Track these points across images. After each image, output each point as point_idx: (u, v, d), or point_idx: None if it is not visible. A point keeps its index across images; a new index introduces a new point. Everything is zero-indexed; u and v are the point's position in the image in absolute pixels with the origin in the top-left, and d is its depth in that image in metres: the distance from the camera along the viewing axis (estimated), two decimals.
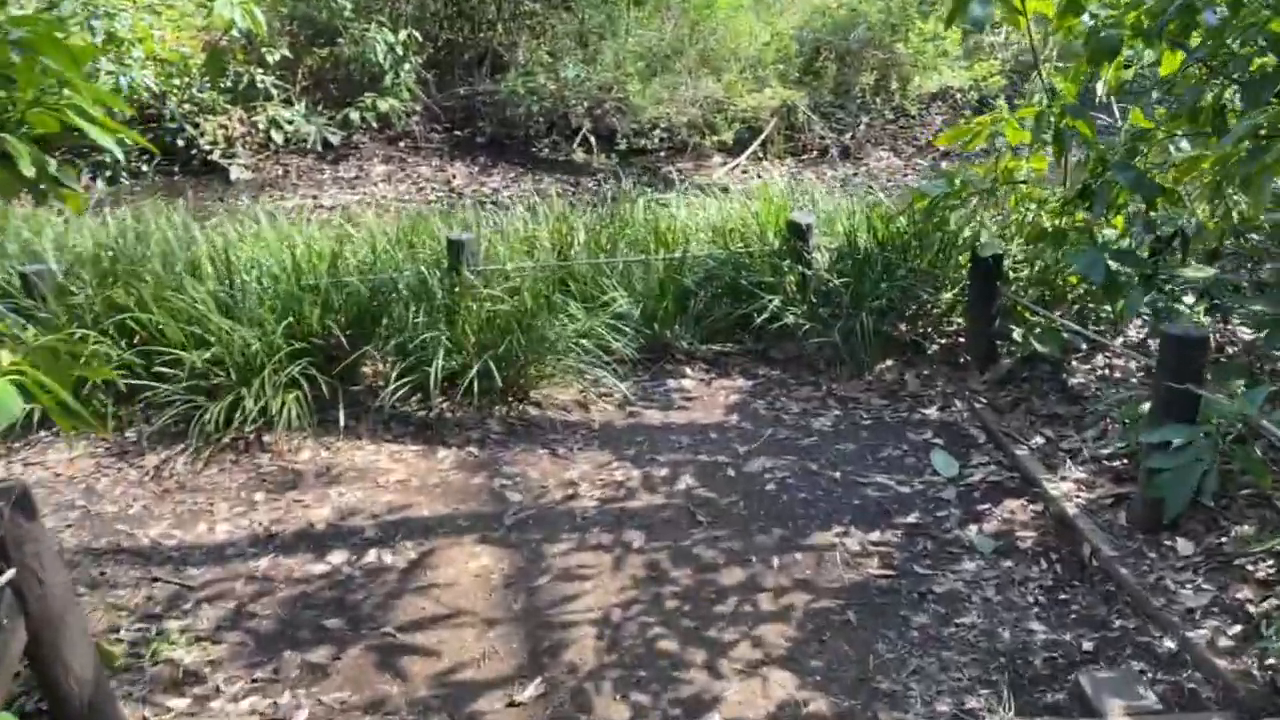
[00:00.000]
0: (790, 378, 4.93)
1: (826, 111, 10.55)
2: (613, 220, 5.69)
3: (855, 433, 4.43)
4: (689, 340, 5.06)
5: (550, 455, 4.31)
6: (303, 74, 10.53)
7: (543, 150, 10.38)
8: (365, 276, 4.73)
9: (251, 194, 9.29)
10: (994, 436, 4.27)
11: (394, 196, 9.25)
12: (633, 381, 4.91)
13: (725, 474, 4.14)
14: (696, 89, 10.33)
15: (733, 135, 10.17)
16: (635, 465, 4.21)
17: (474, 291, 4.68)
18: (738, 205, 5.86)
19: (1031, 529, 3.69)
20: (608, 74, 10.45)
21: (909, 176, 9.78)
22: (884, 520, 3.81)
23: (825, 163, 10.10)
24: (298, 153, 10.16)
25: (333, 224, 5.85)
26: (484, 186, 9.50)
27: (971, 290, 4.62)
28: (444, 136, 10.67)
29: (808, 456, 4.25)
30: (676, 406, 4.71)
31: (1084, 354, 4.76)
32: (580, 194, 9.24)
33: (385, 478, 4.15)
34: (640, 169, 9.97)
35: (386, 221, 6.02)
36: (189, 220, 5.80)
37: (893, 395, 4.72)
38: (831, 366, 4.95)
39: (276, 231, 5.58)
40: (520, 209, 5.95)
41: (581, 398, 4.73)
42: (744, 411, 4.64)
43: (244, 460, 4.27)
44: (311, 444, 4.38)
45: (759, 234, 5.40)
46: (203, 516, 3.90)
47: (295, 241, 5.42)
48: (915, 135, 10.60)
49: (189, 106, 9.89)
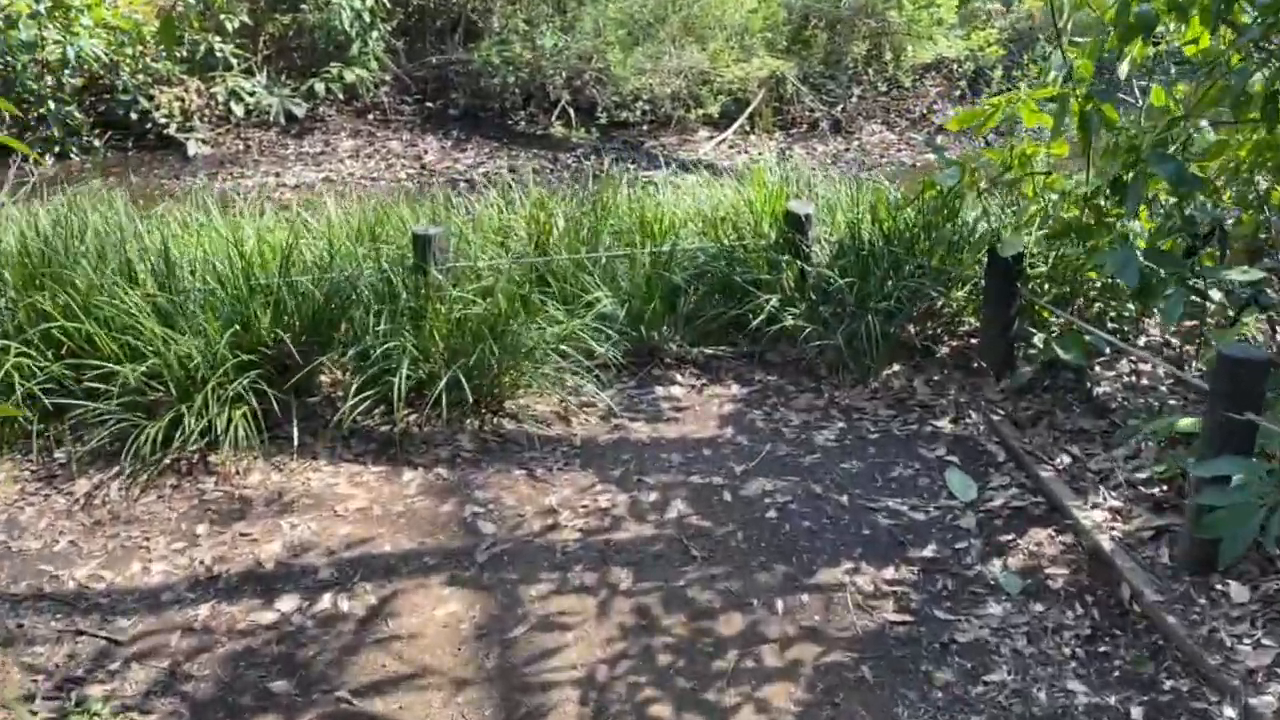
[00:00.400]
0: (789, 384, 4.54)
1: (816, 83, 10.10)
2: (594, 208, 5.25)
3: (862, 448, 4.05)
4: (679, 343, 4.66)
5: (527, 477, 3.90)
6: (264, 42, 9.96)
7: (519, 123, 9.89)
8: (322, 276, 4.28)
9: (210, 171, 8.78)
10: (1014, 454, 3.89)
11: (362, 174, 8.76)
12: (617, 389, 4.50)
13: (721, 498, 3.75)
14: (680, 59, 9.85)
15: (719, 108, 9.71)
16: (621, 488, 3.82)
17: (442, 293, 4.24)
18: (729, 191, 5.42)
19: (1062, 565, 3.33)
20: (587, 42, 9.95)
21: (903, 151, 9.38)
22: (898, 554, 3.43)
23: (815, 137, 9.67)
24: (260, 126, 9.62)
25: (290, 212, 5.38)
26: (457, 163, 9.01)
27: (988, 291, 4.23)
28: (415, 109, 10.15)
29: (811, 477, 3.87)
30: (666, 418, 4.31)
31: (1108, 359, 4.39)
32: (559, 171, 8.78)
33: (343, 505, 3.73)
34: (622, 143, 9.51)
35: (349, 208, 5.56)
36: (130, 210, 5.32)
37: (901, 404, 4.33)
38: (834, 372, 4.55)
39: (227, 223, 5.11)
40: (493, 194, 5.49)
41: (562, 409, 4.32)
42: (740, 423, 4.25)
43: (186, 485, 3.84)
44: (262, 465, 3.95)
45: (753, 225, 4.98)
46: (137, 554, 3.48)
47: (246, 235, 4.96)
48: (909, 108, 10.17)
49: (143, 77, 9.33)
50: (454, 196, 6.04)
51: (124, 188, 8.33)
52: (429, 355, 4.20)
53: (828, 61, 10.21)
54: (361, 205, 5.26)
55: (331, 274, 4.33)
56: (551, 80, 9.85)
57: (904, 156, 9.23)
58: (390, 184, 8.57)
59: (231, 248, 4.39)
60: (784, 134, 9.75)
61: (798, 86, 9.86)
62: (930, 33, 9.90)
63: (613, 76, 9.71)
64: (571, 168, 8.91)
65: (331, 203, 5.28)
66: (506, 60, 9.85)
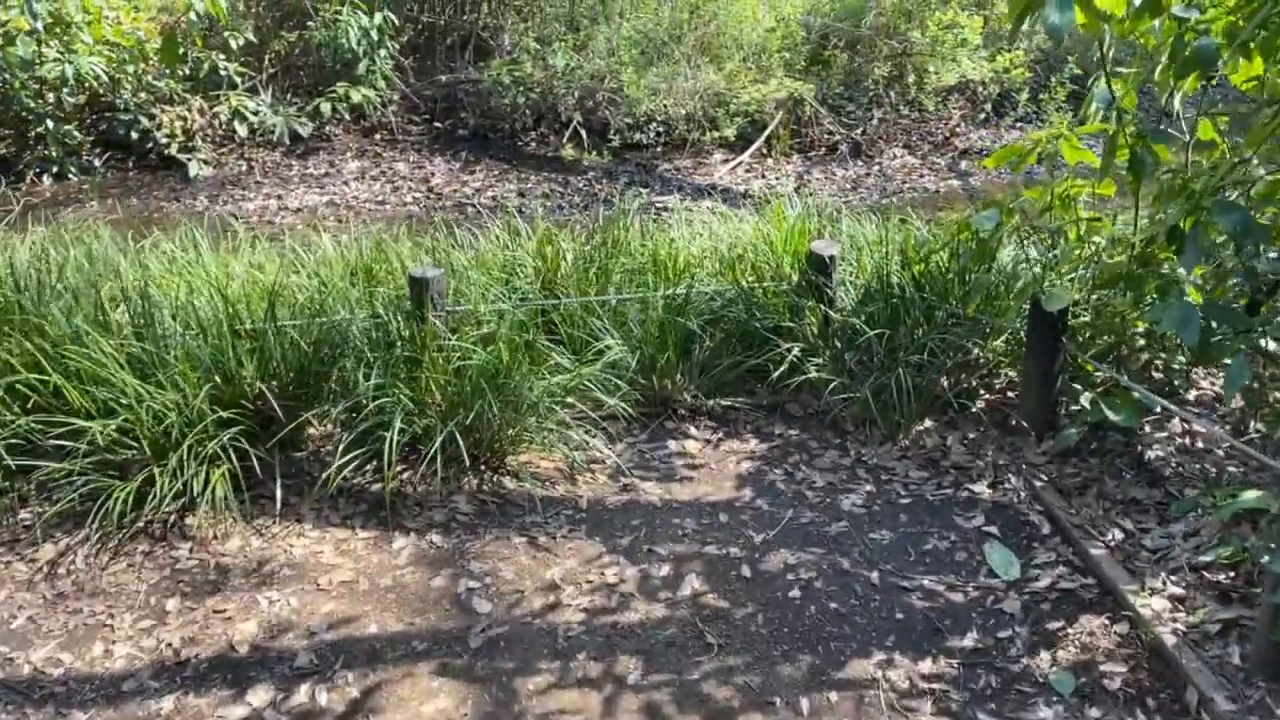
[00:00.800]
0: (811, 439, 4.22)
1: (836, 105, 9.79)
2: (604, 243, 4.95)
3: (892, 515, 3.73)
4: (693, 393, 4.34)
5: (528, 545, 3.59)
6: (269, 60, 9.72)
7: (529, 145, 9.61)
8: (312, 321, 3.99)
9: (211, 193, 8.53)
10: (1060, 527, 3.56)
11: (367, 197, 8.49)
12: (627, 444, 4.19)
13: (739, 573, 3.43)
14: (696, 79, 9.57)
15: (735, 130, 9.41)
16: (630, 560, 3.50)
17: (440, 341, 3.94)
18: (748, 227, 5.12)
19: (1119, 661, 2.99)
20: (600, 62, 9.68)
21: (926, 177, 9.06)
22: (935, 642, 3.11)
23: (835, 160, 9.36)
24: (264, 146, 9.37)
25: (285, 244, 5.10)
26: (465, 186, 8.73)
27: (1030, 344, 3.90)
28: (423, 129, 9.89)
29: (837, 549, 3.54)
30: (679, 477, 3.99)
31: (1157, 417, 4.05)
32: (570, 195, 8.50)
33: (328, 577, 3.43)
34: (635, 166, 9.22)
35: (347, 241, 5.28)
36: (116, 241, 5.06)
37: (933, 465, 4.01)
38: (860, 427, 4.23)
39: (215, 260, 4.84)
40: (499, 228, 5.20)
41: (567, 467, 4.01)
42: (758, 484, 3.93)
43: (159, 552, 3.54)
44: (242, 529, 3.65)
45: (773, 265, 4.67)
46: (100, 633, 3.18)
47: (235, 273, 4.69)
48: (931, 131, 9.86)
49: (145, 96, 9.08)
50: (459, 227, 5.76)
51: (122, 210, 8.10)
52: (425, 408, 3.89)
53: (847, 83, 9.91)
54: (358, 240, 4.97)
55: (322, 319, 4.03)
56: (563, 101, 9.58)
57: (927, 182, 8.91)
58: (396, 208, 8.30)
59: (214, 291, 4.11)
60: (802, 157, 9.44)
61: (816, 108, 9.56)
62: (954, 54, 9.59)
63: (626, 97, 9.43)
64: (583, 191, 8.63)
65: (327, 238, 5.00)
66: (517, 80, 9.58)
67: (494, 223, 5.52)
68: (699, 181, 8.91)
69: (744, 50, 9.93)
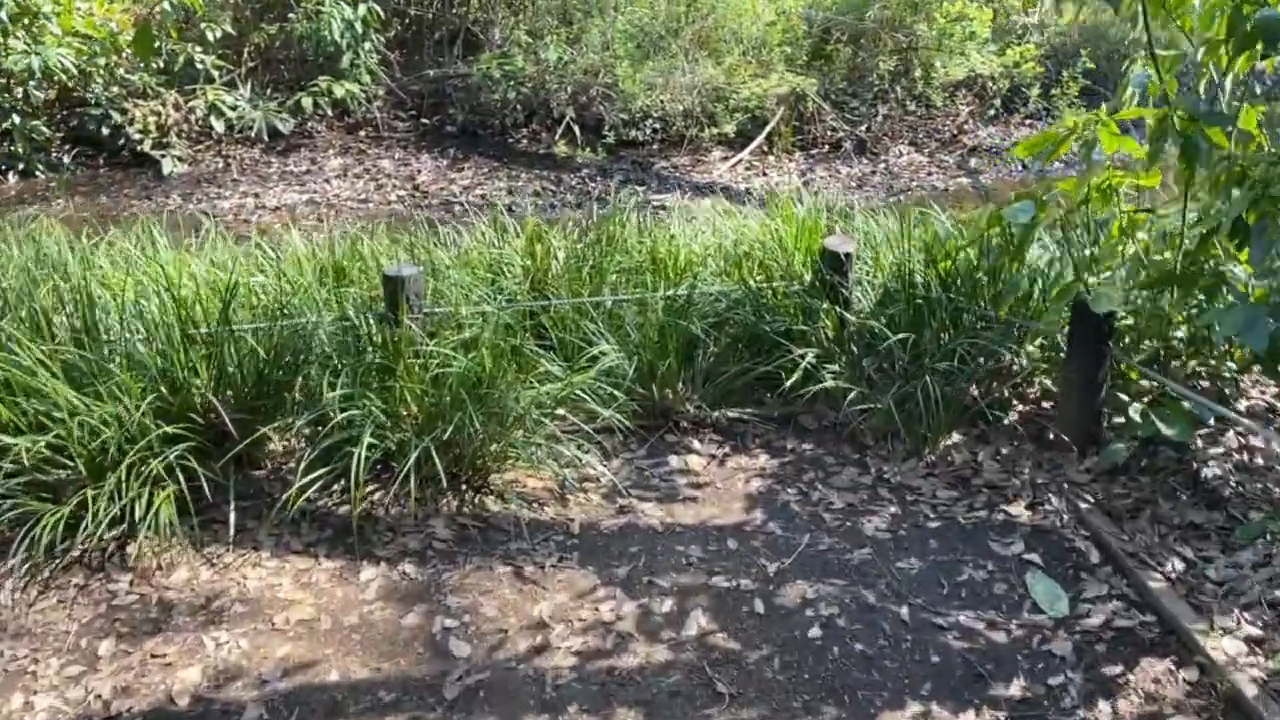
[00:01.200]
0: (827, 454, 3.82)
1: (839, 100, 9.42)
2: (599, 241, 4.56)
3: (921, 541, 3.33)
4: (696, 403, 3.95)
5: (513, 576, 3.19)
6: (249, 54, 9.32)
7: (520, 142, 9.22)
8: (272, 325, 3.59)
9: (185, 191, 8.13)
10: (1111, 555, 3.17)
11: (349, 195, 8.09)
12: (624, 460, 3.79)
13: (751, 609, 3.04)
14: (694, 74, 9.19)
15: (734, 127, 9.03)
16: (628, 594, 3.10)
17: (416, 347, 3.55)
18: (754, 224, 4.73)
19: (1190, 713, 2.60)
20: (594, 56, 9.30)
21: (934, 175, 8.69)
22: (977, 691, 2.71)
23: (839, 158, 8.99)
24: (242, 143, 8.97)
25: (254, 243, 4.69)
26: (453, 184, 8.34)
27: (1072, 350, 3.51)
28: (409, 125, 9.49)
29: (862, 580, 3.15)
30: (682, 498, 3.60)
31: (1211, 430, 3.67)
32: (562, 194, 8.11)
33: (285, 614, 3.02)
34: (630, 164, 8.83)
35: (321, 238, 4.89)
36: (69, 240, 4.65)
37: (964, 484, 3.61)
38: (881, 441, 3.84)
39: (172, 258, 4.44)
40: (481, 227, 4.81)
41: (558, 486, 3.61)
42: (770, 505, 3.54)
43: (94, 585, 3.13)
44: (190, 558, 3.24)
45: (784, 264, 4.28)
46: (21, 681, 2.77)
47: (195, 271, 4.29)
48: (939, 128, 9.49)
49: (117, 90, 8.67)
50: (443, 224, 5.37)
51: (90, 208, 7.69)
52: (399, 421, 3.49)
53: (851, 78, 9.54)
54: (332, 237, 4.57)
55: (285, 322, 3.63)
56: (555, 96, 9.19)
57: (935, 180, 8.54)
58: (379, 206, 7.90)
59: (163, 290, 3.70)
60: (804, 154, 9.06)
61: (819, 104, 9.19)
62: (963, 48, 9.23)
63: (621, 92, 9.05)
64: (576, 190, 8.24)
65: (296, 234, 4.60)
66: (508, 74, 9.20)
67: (482, 221, 5.13)
68: (698, 180, 8.53)
69: (744, 44, 9.56)
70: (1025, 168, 8.79)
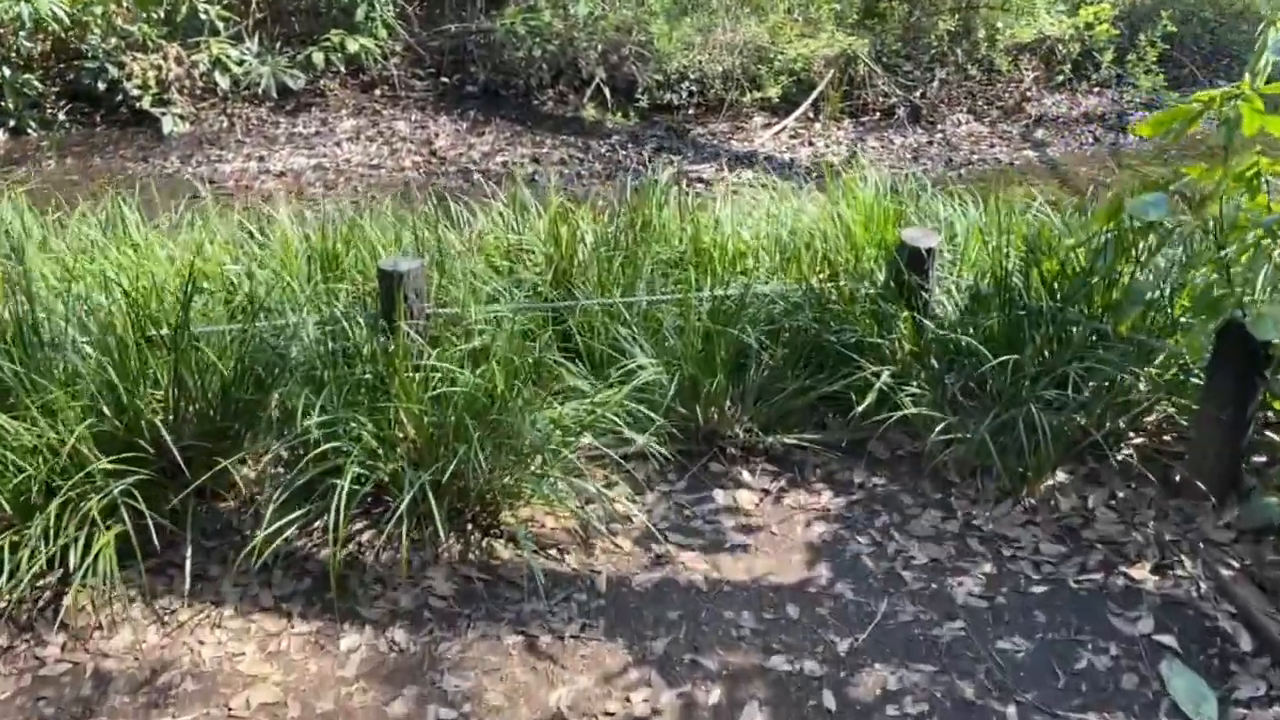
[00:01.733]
0: (903, 492, 3.20)
1: (892, 63, 8.67)
2: (632, 225, 3.94)
3: (1025, 612, 2.72)
4: (747, 426, 3.33)
5: (525, 649, 2.61)
6: (257, 4, 8.67)
7: (546, 104, 8.55)
8: (247, 329, 3.00)
9: (185, 152, 7.54)
10: (1268, 642, 2.55)
11: (361, 160, 7.47)
12: (661, 494, 3.19)
13: (820, 703, 2.45)
14: (735, 32, 8.46)
15: (779, 91, 8.31)
16: (665, 677, 2.52)
17: (415, 362, 2.95)
18: (813, 207, 4.08)
19: None
20: (627, 12, 8.58)
21: (996, 146, 7.96)
22: None
23: (891, 126, 8.26)
24: (249, 101, 8.36)
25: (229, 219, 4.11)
26: (472, 150, 7.70)
27: (1214, 381, 2.86)
28: (428, 84, 8.84)
29: (954, 665, 2.55)
30: (730, 545, 3.00)
31: None
32: (590, 162, 7.46)
33: (245, 695, 2.46)
34: (665, 130, 8.15)
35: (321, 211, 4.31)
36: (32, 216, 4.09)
37: (1072, 536, 2.99)
38: (967, 477, 3.21)
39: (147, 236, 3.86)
40: (499, 206, 4.20)
41: (581, 528, 3.01)
42: (837, 559, 2.93)
43: (20, 649, 2.59)
44: (138, 614, 2.69)
45: (850, 260, 3.64)
46: None
47: (171, 252, 3.71)
48: (999, 94, 8.72)
49: (116, 41, 8.06)
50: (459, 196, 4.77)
51: (81, 171, 7.13)
52: (393, 447, 2.91)
53: (906, 38, 8.77)
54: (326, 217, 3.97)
55: (261, 325, 3.05)
56: (585, 54, 8.50)
57: (998, 152, 7.80)
58: (392, 173, 7.28)
59: (115, 286, 3.12)
60: (854, 122, 8.34)
61: (871, 67, 8.44)
62: (1031, 6, 8.44)
63: (656, 51, 8.34)
64: (605, 158, 7.58)
65: (284, 209, 3.99)
66: (533, 30, 8.50)
67: (503, 192, 4.52)
68: (738, 148, 7.84)
69: (789, 0, 8.80)
70: (1097, 141, 8.04)
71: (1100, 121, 8.36)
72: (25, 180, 6.92)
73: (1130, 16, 9.09)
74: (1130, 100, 8.62)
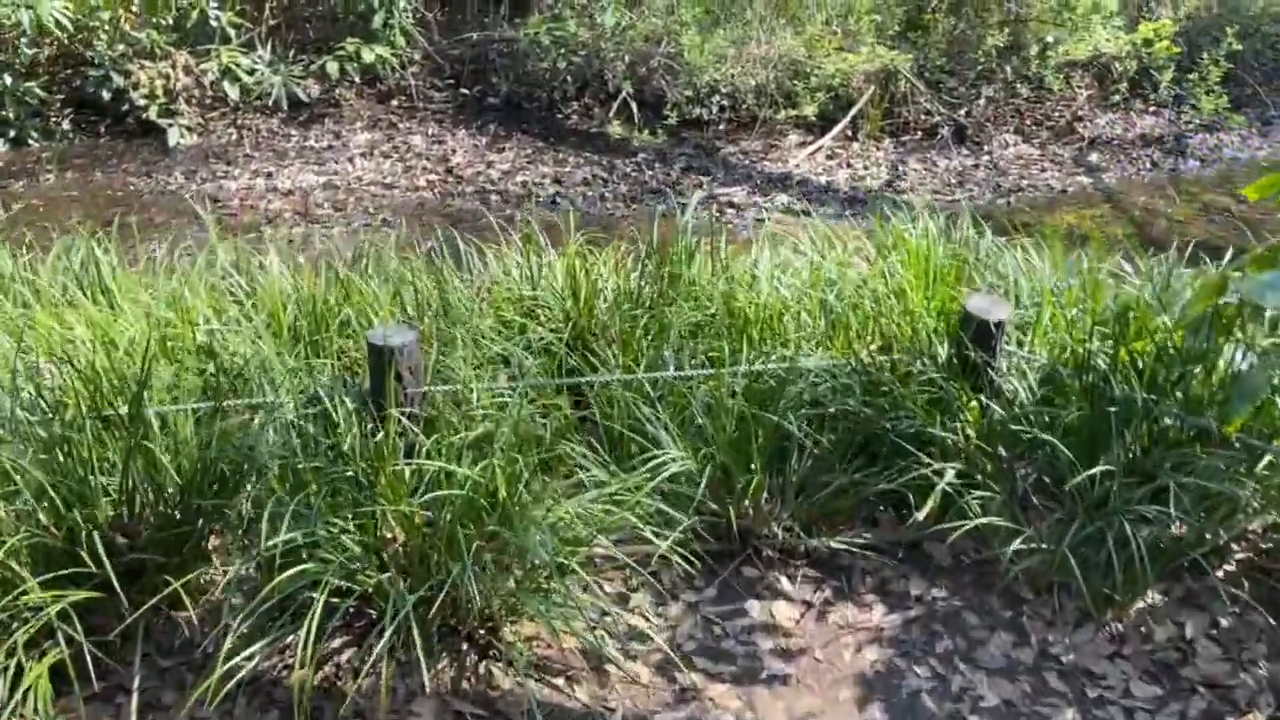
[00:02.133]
0: (967, 608, 2.78)
1: (935, 79, 8.20)
2: (659, 277, 3.53)
3: None
4: (786, 524, 2.91)
5: None
6: (270, 11, 8.32)
7: (570, 118, 8.14)
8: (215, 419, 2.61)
9: (190, 167, 7.20)
10: None
11: (373, 179, 7.10)
12: (687, 605, 2.78)
13: None
14: (770, 45, 8.02)
15: (816, 108, 7.86)
16: None
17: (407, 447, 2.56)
18: (861, 263, 3.66)
19: None
20: (657, 21, 8.17)
21: (1047, 171, 7.48)
22: None
23: (934, 147, 7.80)
24: (261, 112, 8.00)
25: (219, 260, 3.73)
26: (491, 168, 7.30)
27: None
28: (447, 96, 8.45)
29: None
30: (766, 675, 2.58)
31: None
32: (615, 183, 7.05)
33: None
34: (694, 148, 7.73)
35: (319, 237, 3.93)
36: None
37: (1169, 674, 2.55)
38: (1042, 593, 2.78)
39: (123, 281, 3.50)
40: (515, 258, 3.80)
41: (594, 648, 2.61)
42: (893, 697, 2.51)
43: None
44: None
45: (905, 327, 3.21)
46: None
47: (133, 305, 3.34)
48: (1048, 113, 8.23)
49: (123, 48, 7.72)
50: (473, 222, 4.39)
51: (82, 186, 6.81)
52: (379, 558, 2.51)
53: (950, 53, 8.30)
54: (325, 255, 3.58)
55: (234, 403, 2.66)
56: (612, 66, 8.09)
57: (1049, 178, 7.32)
58: (405, 193, 6.90)
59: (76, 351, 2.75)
60: (894, 142, 7.88)
61: (913, 83, 7.98)
62: (1087, 21, 7.94)
63: (686, 64, 7.92)
64: (631, 179, 7.17)
65: (274, 256, 3.61)
66: (558, 40, 8.10)
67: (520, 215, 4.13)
68: (771, 169, 7.41)
69: (827, 11, 8.35)
70: (1155, 166, 7.54)
71: (1158, 144, 7.86)
72: (21, 196, 6.62)
73: (1188, 33, 8.57)
74: (1189, 122, 8.11)
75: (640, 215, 6.55)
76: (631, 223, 6.29)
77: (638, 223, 6.22)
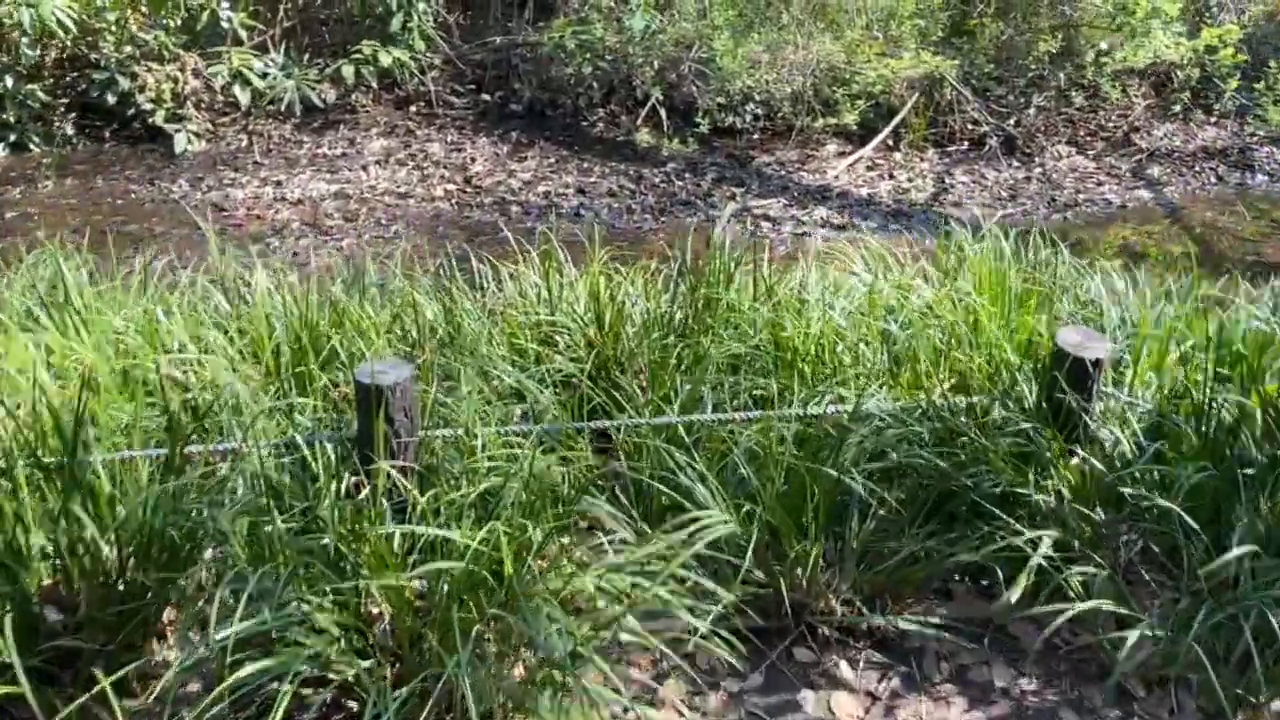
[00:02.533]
0: (1064, 704, 2.32)
1: (982, 86, 7.76)
2: (693, 302, 3.11)
3: None
4: (845, 597, 2.47)
5: None
6: (285, 12, 7.99)
7: (595, 126, 7.75)
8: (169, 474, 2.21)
9: (196, 175, 6.86)
10: None
11: (387, 188, 6.72)
12: (728, 694, 2.34)
13: None
14: (807, 50, 7.60)
15: (856, 116, 7.43)
16: None
17: (396, 505, 2.14)
18: (926, 290, 3.21)
19: None
20: (688, 25, 7.77)
21: (1103, 185, 7.01)
22: None
23: (982, 158, 7.35)
24: (273, 117, 7.66)
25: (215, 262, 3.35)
26: (512, 177, 6.91)
27: None
28: (467, 101, 8.08)
29: None
30: None
31: None
32: (642, 194, 6.64)
33: None
34: (726, 158, 7.32)
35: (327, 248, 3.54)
36: None
37: None
38: (1155, 688, 2.32)
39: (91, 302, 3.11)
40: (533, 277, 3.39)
41: None
42: None
43: None
44: None
45: (980, 363, 2.76)
46: None
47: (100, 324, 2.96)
48: (1103, 123, 7.76)
49: (130, 50, 7.41)
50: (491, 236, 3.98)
51: (81, 194, 6.47)
52: (363, 635, 2.10)
53: (998, 59, 7.85)
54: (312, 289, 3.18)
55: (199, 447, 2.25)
56: (640, 72, 7.69)
57: (1106, 192, 6.85)
58: (421, 203, 6.52)
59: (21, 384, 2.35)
60: (939, 152, 7.43)
61: (959, 90, 7.53)
62: (1146, 26, 7.47)
63: (718, 70, 7.51)
64: (659, 190, 6.76)
65: (261, 276, 3.21)
66: (584, 44, 7.71)
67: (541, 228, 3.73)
68: (808, 180, 6.98)
69: (868, 15, 7.93)
70: (1220, 180, 7.05)
71: (1221, 157, 7.36)
72: (17, 203, 6.29)
73: (1252, 39, 8.07)
74: (1254, 133, 7.61)
75: (670, 228, 6.14)
76: (661, 236, 5.88)
77: (668, 236, 5.81)
